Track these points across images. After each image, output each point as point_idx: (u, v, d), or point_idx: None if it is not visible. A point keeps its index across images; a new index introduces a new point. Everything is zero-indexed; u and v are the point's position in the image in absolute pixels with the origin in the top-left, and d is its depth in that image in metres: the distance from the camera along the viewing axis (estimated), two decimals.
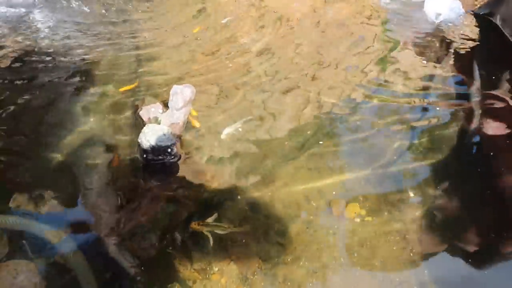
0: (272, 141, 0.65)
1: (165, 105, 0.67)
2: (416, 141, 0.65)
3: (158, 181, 0.61)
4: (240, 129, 0.65)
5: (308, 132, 0.66)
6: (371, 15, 0.97)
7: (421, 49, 0.87)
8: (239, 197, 0.58)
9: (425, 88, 0.76)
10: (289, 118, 0.68)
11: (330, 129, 0.67)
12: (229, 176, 0.61)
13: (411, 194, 0.57)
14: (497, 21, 0.93)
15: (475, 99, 0.72)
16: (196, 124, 0.67)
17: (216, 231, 0.53)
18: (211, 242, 0.52)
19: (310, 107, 0.71)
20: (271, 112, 0.70)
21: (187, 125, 0.66)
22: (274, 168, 0.61)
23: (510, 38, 0.87)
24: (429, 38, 0.91)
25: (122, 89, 0.73)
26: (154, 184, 0.60)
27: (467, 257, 0.52)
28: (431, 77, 0.79)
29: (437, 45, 0.88)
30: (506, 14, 0.90)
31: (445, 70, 0.80)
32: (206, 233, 0.53)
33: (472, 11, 0.98)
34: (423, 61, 0.82)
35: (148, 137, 0.58)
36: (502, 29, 0.90)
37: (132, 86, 0.74)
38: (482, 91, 0.74)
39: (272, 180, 0.60)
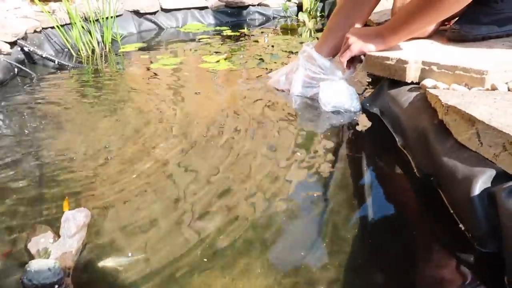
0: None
1: (57, 234, 0.63)
2: None
3: None
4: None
5: None
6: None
7: None
8: None
9: None
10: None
11: None
12: None
13: None
14: (378, 112, 1.05)
15: None
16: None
17: None
18: None
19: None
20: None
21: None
22: None
23: (389, 127, 0.97)
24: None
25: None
26: None
27: None
28: None
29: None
30: (383, 107, 1.03)
31: None
32: None
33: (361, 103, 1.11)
34: None
35: (30, 276, 0.53)
36: (382, 119, 1.02)
37: None
38: None
39: None
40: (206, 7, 2.82)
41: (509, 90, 0.77)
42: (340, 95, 1.08)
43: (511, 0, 1.02)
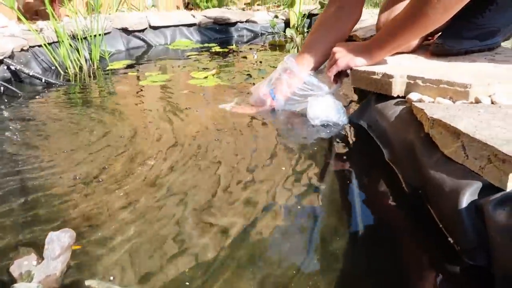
0: None
1: (41, 256, 0.61)
2: None
3: None
4: None
5: None
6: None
7: None
8: None
9: None
10: None
11: None
12: None
13: None
14: (366, 126, 1.06)
15: None
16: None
17: None
18: None
19: None
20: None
21: None
22: None
23: (376, 141, 0.98)
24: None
25: None
26: None
27: None
28: None
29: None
30: (370, 121, 1.04)
31: None
32: None
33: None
34: None
35: None
36: (369, 132, 1.03)
37: None
38: None
39: None
40: (194, 24, 2.85)
41: (492, 103, 0.78)
42: (328, 109, 1.09)
43: (491, 16, 1.05)
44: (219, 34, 2.92)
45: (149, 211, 0.74)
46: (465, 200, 0.58)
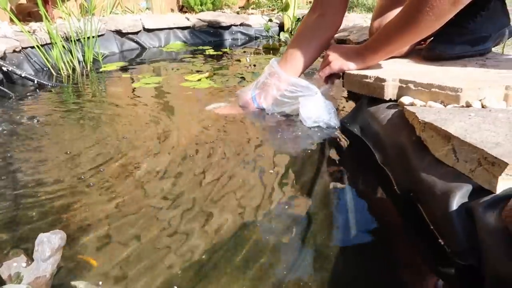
0: None
1: (30, 257, 0.61)
2: None
3: None
4: None
5: None
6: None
7: None
8: None
9: None
10: None
11: None
12: None
13: None
14: (358, 129, 1.07)
15: None
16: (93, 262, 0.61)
17: None
18: None
19: None
20: None
21: None
22: None
23: (369, 145, 0.99)
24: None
25: None
26: None
27: None
28: None
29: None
30: (363, 124, 1.05)
31: None
32: None
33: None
34: None
35: None
36: (361, 136, 1.04)
37: None
38: None
39: None
40: (188, 27, 2.85)
41: (482, 106, 0.79)
42: (320, 110, 1.09)
43: (482, 21, 1.06)
44: (213, 37, 2.92)
45: (141, 214, 0.74)
46: (456, 202, 0.58)
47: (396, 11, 1.07)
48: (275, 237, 0.67)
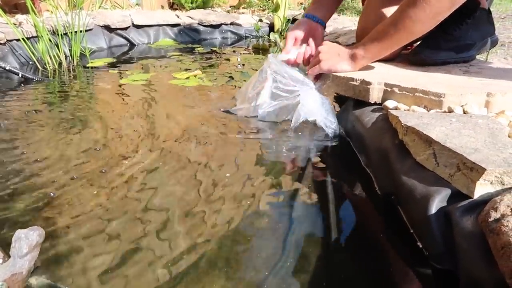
0: None
1: (7, 253, 0.60)
2: None
3: None
4: None
5: None
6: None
7: None
8: None
9: None
10: None
11: None
12: None
13: None
14: (343, 131, 1.07)
15: None
16: None
17: None
18: None
19: None
20: None
21: None
22: None
23: (353, 147, 0.99)
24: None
25: None
26: None
27: None
28: None
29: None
30: (348, 127, 1.05)
31: None
32: None
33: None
34: None
35: None
36: (346, 138, 1.05)
37: None
38: None
39: None
40: (178, 25, 2.83)
41: (464, 112, 0.81)
42: (318, 106, 1.07)
43: (467, 30, 1.08)
44: (203, 35, 2.91)
45: (124, 214, 0.73)
46: (435, 206, 0.59)
47: (381, 13, 1.08)
48: (258, 238, 0.67)
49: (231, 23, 3.03)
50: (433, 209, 0.59)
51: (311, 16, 1.21)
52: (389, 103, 0.90)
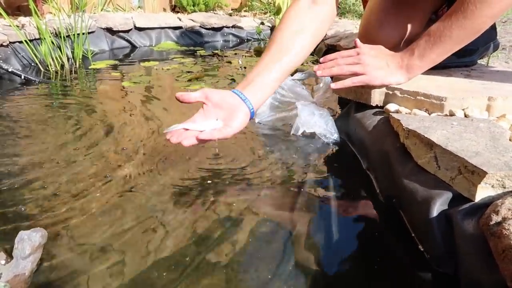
0: None
1: (9, 254, 0.60)
2: None
3: None
4: None
5: None
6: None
7: None
8: None
9: None
10: None
11: None
12: None
13: None
14: (344, 134, 1.08)
15: None
16: None
17: None
18: None
19: None
20: None
21: None
22: None
23: (354, 151, 1.00)
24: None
25: None
26: None
27: None
28: None
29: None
30: (349, 130, 1.06)
31: None
32: None
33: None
34: None
35: None
36: (347, 141, 1.05)
37: None
38: None
39: None
40: (180, 27, 2.84)
41: (465, 116, 0.81)
42: (316, 118, 1.07)
43: None
44: (205, 38, 2.92)
45: (123, 215, 0.73)
46: (436, 209, 0.59)
47: (385, 15, 1.07)
48: (260, 241, 0.67)
49: (233, 26, 3.04)
50: (434, 212, 0.59)
51: (239, 93, 0.86)
52: (391, 106, 0.91)
